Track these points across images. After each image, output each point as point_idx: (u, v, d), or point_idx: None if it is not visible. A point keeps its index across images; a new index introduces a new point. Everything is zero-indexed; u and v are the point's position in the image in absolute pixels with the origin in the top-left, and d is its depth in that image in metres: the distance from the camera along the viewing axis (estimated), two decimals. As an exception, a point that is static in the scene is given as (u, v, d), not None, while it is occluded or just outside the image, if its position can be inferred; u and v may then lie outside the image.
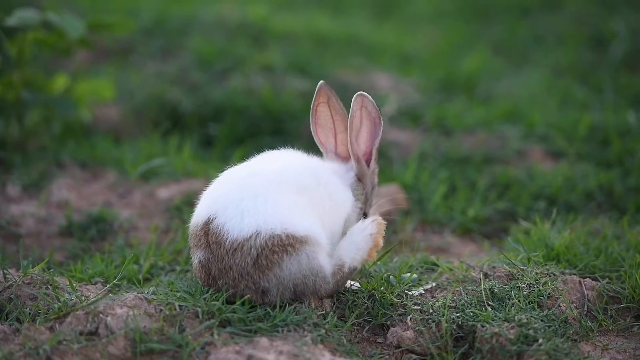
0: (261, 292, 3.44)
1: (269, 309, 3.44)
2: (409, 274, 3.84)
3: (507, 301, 3.63)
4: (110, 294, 3.57)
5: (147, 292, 3.56)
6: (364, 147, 3.75)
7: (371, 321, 3.61)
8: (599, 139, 5.94)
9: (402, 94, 6.90)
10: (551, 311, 3.60)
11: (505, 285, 3.74)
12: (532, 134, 6.12)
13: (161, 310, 3.39)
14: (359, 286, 3.71)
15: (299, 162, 3.64)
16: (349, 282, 3.68)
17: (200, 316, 3.38)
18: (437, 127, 6.32)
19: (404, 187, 5.24)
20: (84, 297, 3.49)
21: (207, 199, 3.53)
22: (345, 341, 3.44)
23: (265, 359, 3.17)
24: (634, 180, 5.32)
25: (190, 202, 4.91)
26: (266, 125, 6.23)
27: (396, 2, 10.55)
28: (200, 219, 3.49)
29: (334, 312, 3.55)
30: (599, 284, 3.80)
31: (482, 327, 3.45)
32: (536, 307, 3.62)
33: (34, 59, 5.80)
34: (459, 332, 3.51)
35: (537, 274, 3.80)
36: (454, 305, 3.61)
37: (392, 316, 3.60)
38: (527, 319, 3.48)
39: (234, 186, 3.48)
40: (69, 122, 5.99)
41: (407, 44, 8.51)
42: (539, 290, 3.68)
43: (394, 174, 5.47)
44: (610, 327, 3.66)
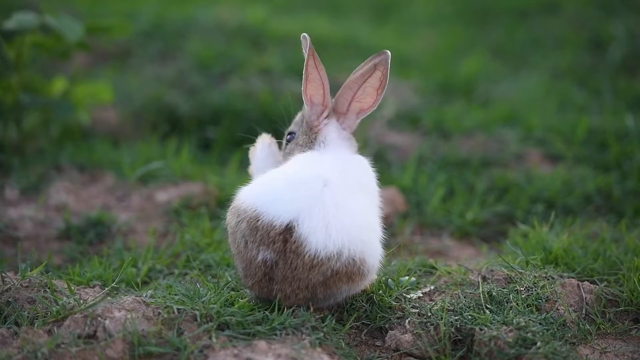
0: (309, 301, 3.47)
1: (268, 312, 3.44)
2: (408, 277, 3.84)
3: (506, 304, 3.63)
4: (108, 297, 3.56)
5: (146, 295, 3.56)
6: (370, 101, 3.73)
7: (369, 324, 3.60)
8: (597, 142, 5.94)
9: (400, 97, 6.90)
10: (549, 314, 3.60)
11: (503, 288, 3.74)
12: (531, 137, 6.12)
13: (159, 313, 3.39)
14: None
15: (348, 160, 3.65)
16: None
17: (198, 319, 3.38)
18: (435, 130, 6.32)
19: (403, 190, 5.24)
20: (82, 301, 3.49)
21: (283, 198, 3.42)
22: (343, 344, 3.44)
23: (263, 362, 3.18)
24: (632, 183, 5.33)
25: (188, 205, 4.92)
26: (264, 128, 6.21)
27: (395, 5, 10.55)
28: (277, 220, 3.39)
29: (333, 315, 3.54)
30: (597, 287, 3.80)
31: (481, 330, 3.45)
32: (534, 310, 3.62)
33: (32, 62, 5.81)
34: (457, 335, 3.51)
35: (535, 277, 3.80)
36: (452, 308, 3.61)
37: (390, 319, 3.59)
38: (525, 322, 3.48)
39: (312, 190, 3.43)
40: (67, 125, 5.98)
41: (405, 47, 8.51)
42: (538, 293, 3.68)
43: (393, 177, 5.47)
44: (608, 331, 3.65)
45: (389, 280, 3.80)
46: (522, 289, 3.72)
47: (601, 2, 9.55)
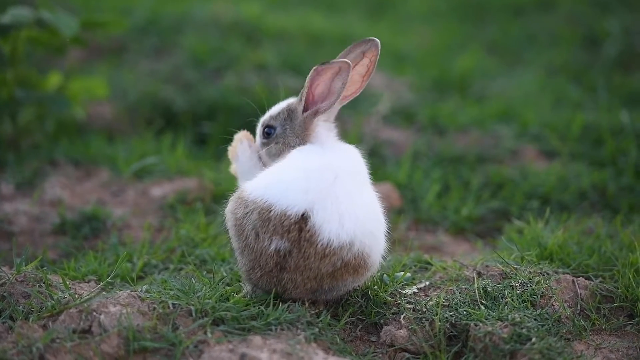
0: (315, 292, 3.48)
1: (263, 308, 3.44)
2: (403, 273, 3.85)
3: (501, 300, 3.64)
4: (103, 292, 3.56)
5: (141, 290, 3.56)
6: (354, 89, 3.74)
7: (364, 320, 3.61)
8: (592, 139, 5.95)
9: (395, 93, 6.91)
10: (544, 310, 3.60)
11: (498, 284, 3.75)
12: (526, 133, 6.13)
13: (154, 308, 3.39)
14: None
15: (349, 153, 3.66)
16: None
17: (193, 314, 3.38)
18: (430, 127, 6.33)
19: (398, 186, 5.25)
20: (77, 295, 3.48)
21: (296, 188, 3.43)
22: (338, 340, 3.44)
23: (258, 358, 3.17)
24: (627, 179, 5.34)
25: (183, 200, 4.92)
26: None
27: (390, 1, 10.55)
28: (292, 210, 3.40)
29: (328, 310, 3.55)
30: (592, 283, 3.80)
31: (476, 325, 3.46)
32: (529, 306, 3.62)
33: (27, 57, 5.79)
34: (452, 331, 3.51)
35: (530, 273, 3.80)
36: (447, 304, 3.61)
37: (385, 315, 3.60)
38: (520, 318, 3.48)
39: (325, 181, 3.44)
40: (62, 120, 5.98)
41: (400, 43, 8.52)
42: (533, 289, 3.69)
43: (388, 173, 5.47)
44: (603, 326, 3.66)
45: (384, 275, 3.80)
46: (517, 284, 3.72)
47: (596, -1, 9.57)
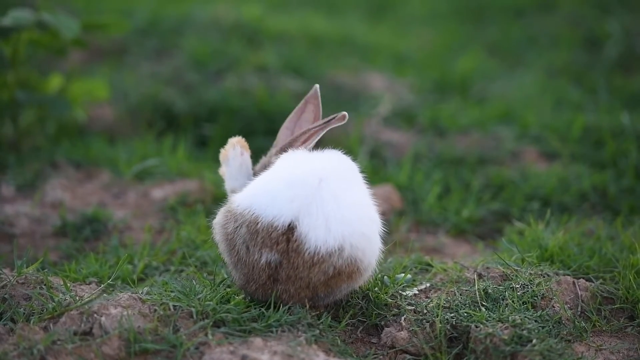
0: (311, 300, 3.47)
1: (264, 310, 3.44)
2: (403, 275, 3.85)
3: (501, 302, 3.64)
4: (104, 294, 3.57)
5: (142, 292, 3.56)
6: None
7: (365, 321, 3.61)
8: (593, 140, 5.95)
9: (396, 95, 6.91)
10: (545, 312, 3.61)
11: (499, 285, 3.75)
12: (526, 134, 6.13)
13: (155, 310, 3.39)
14: None
15: (334, 155, 3.63)
16: None
17: (194, 316, 3.38)
18: (431, 128, 6.33)
19: (398, 187, 5.25)
20: (78, 297, 3.49)
21: (281, 198, 3.40)
22: (339, 341, 3.45)
23: (259, 359, 3.18)
24: (628, 181, 5.34)
25: (184, 202, 4.92)
26: (260, 125, 6.23)
27: (391, 3, 10.56)
28: (278, 221, 3.36)
29: (328, 312, 3.55)
30: (593, 284, 3.81)
31: (476, 327, 3.46)
32: (530, 307, 3.63)
33: (28, 59, 5.80)
34: (452, 333, 3.52)
35: (531, 274, 3.81)
36: (448, 305, 3.61)
37: (386, 316, 3.60)
38: (521, 320, 3.49)
39: (309, 186, 3.40)
40: (63, 122, 5.99)
41: (401, 44, 8.52)
42: (533, 290, 3.69)
43: (388, 174, 5.48)
44: (603, 328, 3.66)
45: (385, 277, 3.80)
46: (517, 286, 3.73)
47: (597, 0, 9.56)
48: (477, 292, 3.70)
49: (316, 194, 3.37)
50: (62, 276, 3.83)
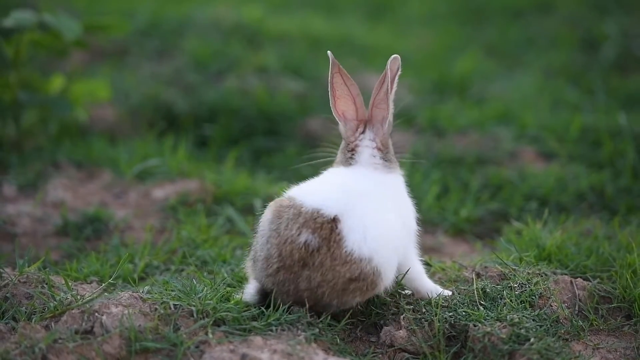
0: (318, 301, 3.47)
1: (263, 309, 3.46)
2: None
3: (499, 301, 3.65)
4: (105, 293, 3.58)
5: (142, 291, 3.58)
6: (385, 107, 3.79)
7: (364, 320, 3.62)
8: (590, 141, 5.96)
9: (395, 95, 6.91)
10: (543, 311, 3.62)
11: (497, 285, 3.76)
12: (524, 135, 6.14)
13: (156, 309, 3.41)
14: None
15: (378, 179, 3.67)
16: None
17: (194, 315, 3.40)
18: (430, 128, 6.34)
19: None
20: (79, 296, 3.50)
21: (329, 197, 3.47)
22: (338, 340, 3.46)
23: (259, 358, 3.19)
24: (625, 181, 5.36)
25: (185, 201, 4.94)
26: (261, 126, 6.24)
27: (390, 4, 10.57)
28: (325, 210, 3.42)
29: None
30: (590, 284, 3.82)
31: (475, 326, 3.47)
32: (528, 306, 3.64)
33: (30, 60, 5.82)
34: (451, 332, 3.53)
35: (529, 274, 3.82)
36: (446, 304, 3.62)
37: (385, 315, 3.61)
38: (519, 319, 3.50)
39: (351, 197, 3.47)
40: (65, 123, 6.00)
41: (400, 45, 8.52)
42: (531, 290, 3.71)
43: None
44: (601, 327, 3.68)
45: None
46: (515, 285, 3.74)
47: (595, 2, 9.58)
48: (475, 291, 3.71)
49: (357, 203, 3.45)
50: (64, 275, 3.85)
